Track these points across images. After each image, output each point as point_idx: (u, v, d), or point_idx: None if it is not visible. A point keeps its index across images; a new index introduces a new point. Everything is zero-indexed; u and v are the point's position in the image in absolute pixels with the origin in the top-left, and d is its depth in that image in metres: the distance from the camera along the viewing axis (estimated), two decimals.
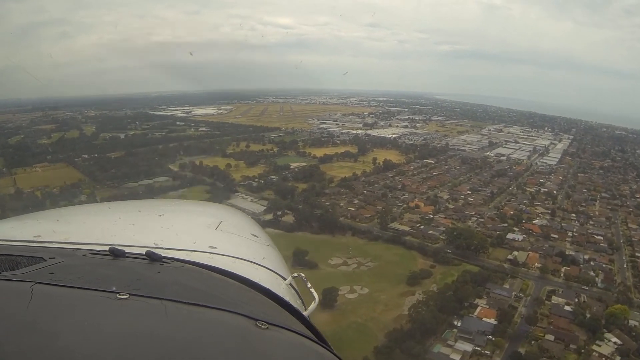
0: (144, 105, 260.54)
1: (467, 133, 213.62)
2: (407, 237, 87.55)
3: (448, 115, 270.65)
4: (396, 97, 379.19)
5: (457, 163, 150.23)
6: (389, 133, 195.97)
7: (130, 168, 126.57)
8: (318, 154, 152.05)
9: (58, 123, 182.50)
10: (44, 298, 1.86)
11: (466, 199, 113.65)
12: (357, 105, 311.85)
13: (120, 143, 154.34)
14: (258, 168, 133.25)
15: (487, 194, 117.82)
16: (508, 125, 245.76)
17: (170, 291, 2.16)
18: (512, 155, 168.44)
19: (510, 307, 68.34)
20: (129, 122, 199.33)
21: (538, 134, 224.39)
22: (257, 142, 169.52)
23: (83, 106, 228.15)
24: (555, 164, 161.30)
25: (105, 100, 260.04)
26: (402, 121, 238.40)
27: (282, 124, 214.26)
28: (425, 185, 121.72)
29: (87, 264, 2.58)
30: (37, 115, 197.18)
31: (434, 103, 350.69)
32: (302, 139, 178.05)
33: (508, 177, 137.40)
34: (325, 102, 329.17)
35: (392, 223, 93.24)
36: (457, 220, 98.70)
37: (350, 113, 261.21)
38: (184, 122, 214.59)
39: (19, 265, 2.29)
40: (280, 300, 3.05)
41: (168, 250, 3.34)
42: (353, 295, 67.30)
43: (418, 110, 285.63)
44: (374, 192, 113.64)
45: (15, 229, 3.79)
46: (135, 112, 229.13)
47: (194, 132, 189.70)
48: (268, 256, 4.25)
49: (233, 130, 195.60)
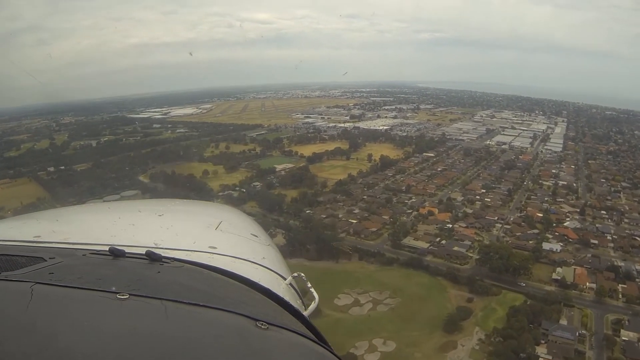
0: (121, 109, 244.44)
1: (460, 121, 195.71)
2: (429, 257, 68.24)
3: (436, 103, 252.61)
4: (379, 87, 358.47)
5: (459, 155, 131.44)
6: (379, 125, 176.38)
7: (96, 181, 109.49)
8: (306, 152, 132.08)
9: (30, 133, 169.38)
10: (44, 298, 1.82)
11: (482, 199, 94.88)
12: (341, 97, 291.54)
13: (91, 152, 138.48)
14: (239, 173, 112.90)
15: (503, 192, 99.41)
16: (498, 111, 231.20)
17: (170, 291, 2.10)
18: (513, 144, 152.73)
19: (576, 353, 51.06)
20: (104, 127, 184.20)
21: (531, 118, 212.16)
22: (238, 142, 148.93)
23: (60, 113, 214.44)
24: (560, 151, 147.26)
25: (83, 106, 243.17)
26: (390, 111, 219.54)
27: (265, 121, 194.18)
28: (432, 185, 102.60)
29: (87, 264, 2.51)
30: (11, 125, 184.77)
31: (418, 91, 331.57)
32: (287, 136, 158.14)
33: (518, 169, 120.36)
34: (307, 95, 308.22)
35: (405, 238, 73.77)
36: (481, 230, 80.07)
37: (335, 105, 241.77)
38: (160, 124, 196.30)
39: (19, 265, 2.25)
40: (280, 300, 2.91)
41: (168, 250, 3.18)
42: (374, 358, 47.44)
43: (404, 100, 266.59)
44: (375, 196, 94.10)
45: (15, 229, 3.63)
46: (112, 117, 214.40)
47: (170, 135, 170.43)
48: (268, 256, 4.02)
49: (212, 130, 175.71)
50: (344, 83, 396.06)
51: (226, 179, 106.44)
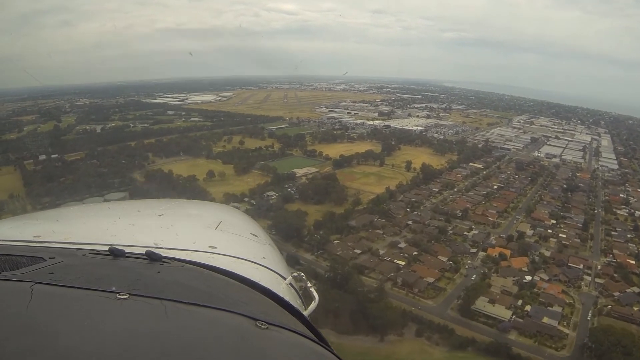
0: (140, 93, 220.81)
1: (498, 125, 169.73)
2: (513, 335, 44.07)
3: (467, 104, 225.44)
4: (404, 84, 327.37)
5: (511, 169, 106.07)
6: (412, 124, 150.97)
7: (82, 176, 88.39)
8: (331, 153, 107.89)
9: (40, 114, 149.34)
10: (44, 298, 1.77)
11: (556, 233, 70.66)
12: (366, 92, 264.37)
13: (92, 138, 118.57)
14: (251, 177, 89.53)
15: (576, 224, 74.81)
16: (534, 116, 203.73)
17: (170, 291, 2.03)
18: (564, 157, 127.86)
19: None
20: (116, 111, 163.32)
21: (571, 127, 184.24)
22: (255, 136, 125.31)
23: (78, 94, 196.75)
24: (617, 169, 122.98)
25: (103, 88, 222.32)
26: (420, 110, 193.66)
27: (286, 113, 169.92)
28: (492, 209, 77.78)
29: (87, 264, 2.44)
30: (25, 104, 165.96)
31: (445, 90, 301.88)
32: (310, 132, 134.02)
33: (582, 191, 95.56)
34: (331, 88, 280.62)
35: (477, 300, 49.26)
36: (568, 284, 55.83)
37: (361, 100, 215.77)
38: (175, 110, 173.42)
39: (19, 265, 2.18)
40: (280, 300, 2.84)
41: (168, 250, 3.08)
42: None
43: (432, 98, 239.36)
44: (424, 223, 70.01)
45: (15, 229, 3.54)
46: (127, 100, 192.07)
47: (182, 123, 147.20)
48: (268, 256, 3.85)
49: (228, 120, 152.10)
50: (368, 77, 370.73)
51: (234, 184, 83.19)
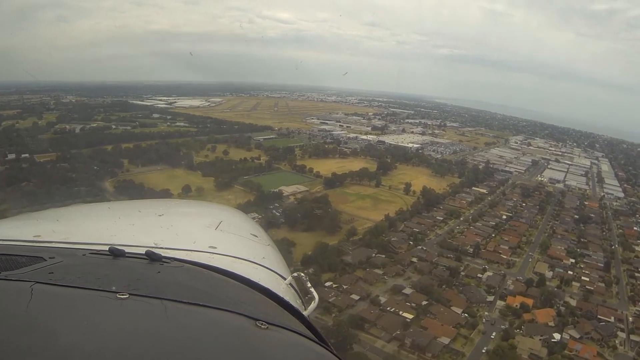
0: (129, 94, 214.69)
1: (495, 146, 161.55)
2: None
3: (461, 122, 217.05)
4: (396, 98, 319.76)
5: (517, 196, 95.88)
6: (407, 141, 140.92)
7: (47, 181, 77.75)
8: (322, 170, 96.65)
9: (23, 109, 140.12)
10: (43, 298, 1.74)
11: (578, 277, 60.37)
12: (358, 104, 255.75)
13: (68, 139, 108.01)
14: (232, 193, 78.31)
15: (597, 264, 65.07)
16: (530, 137, 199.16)
17: (170, 291, 2.01)
18: (568, 182, 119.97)
19: None
20: (100, 111, 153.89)
21: (568, 150, 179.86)
22: (241, 146, 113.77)
23: (67, 91, 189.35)
24: (624, 197, 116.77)
25: (94, 87, 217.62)
26: (414, 126, 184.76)
27: (276, 123, 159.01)
28: (504, 244, 66.98)
29: (87, 263, 2.40)
30: (11, 99, 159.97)
31: (437, 106, 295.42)
32: (300, 145, 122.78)
33: (594, 223, 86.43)
34: (323, 99, 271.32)
35: None
36: (601, 343, 45.07)
37: (353, 113, 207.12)
38: (161, 114, 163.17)
39: (19, 265, 2.14)
40: (280, 300, 2.78)
41: (168, 250, 3.03)
42: None
43: (425, 114, 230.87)
44: (430, 260, 58.67)
45: (15, 229, 3.45)
46: (114, 101, 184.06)
47: (166, 128, 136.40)
48: (268, 256, 3.76)
49: (215, 127, 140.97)
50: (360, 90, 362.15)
51: (212, 201, 71.06)
